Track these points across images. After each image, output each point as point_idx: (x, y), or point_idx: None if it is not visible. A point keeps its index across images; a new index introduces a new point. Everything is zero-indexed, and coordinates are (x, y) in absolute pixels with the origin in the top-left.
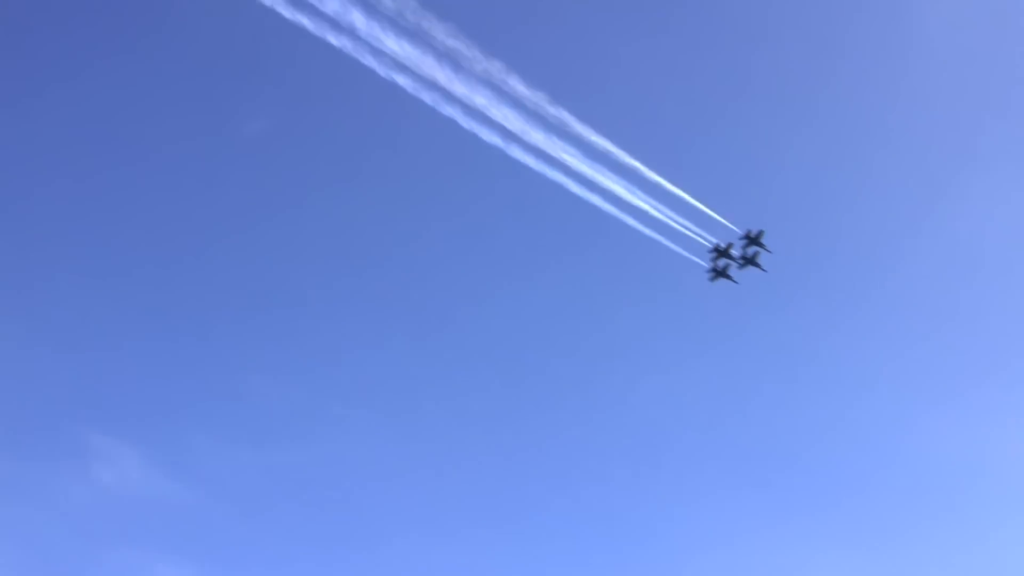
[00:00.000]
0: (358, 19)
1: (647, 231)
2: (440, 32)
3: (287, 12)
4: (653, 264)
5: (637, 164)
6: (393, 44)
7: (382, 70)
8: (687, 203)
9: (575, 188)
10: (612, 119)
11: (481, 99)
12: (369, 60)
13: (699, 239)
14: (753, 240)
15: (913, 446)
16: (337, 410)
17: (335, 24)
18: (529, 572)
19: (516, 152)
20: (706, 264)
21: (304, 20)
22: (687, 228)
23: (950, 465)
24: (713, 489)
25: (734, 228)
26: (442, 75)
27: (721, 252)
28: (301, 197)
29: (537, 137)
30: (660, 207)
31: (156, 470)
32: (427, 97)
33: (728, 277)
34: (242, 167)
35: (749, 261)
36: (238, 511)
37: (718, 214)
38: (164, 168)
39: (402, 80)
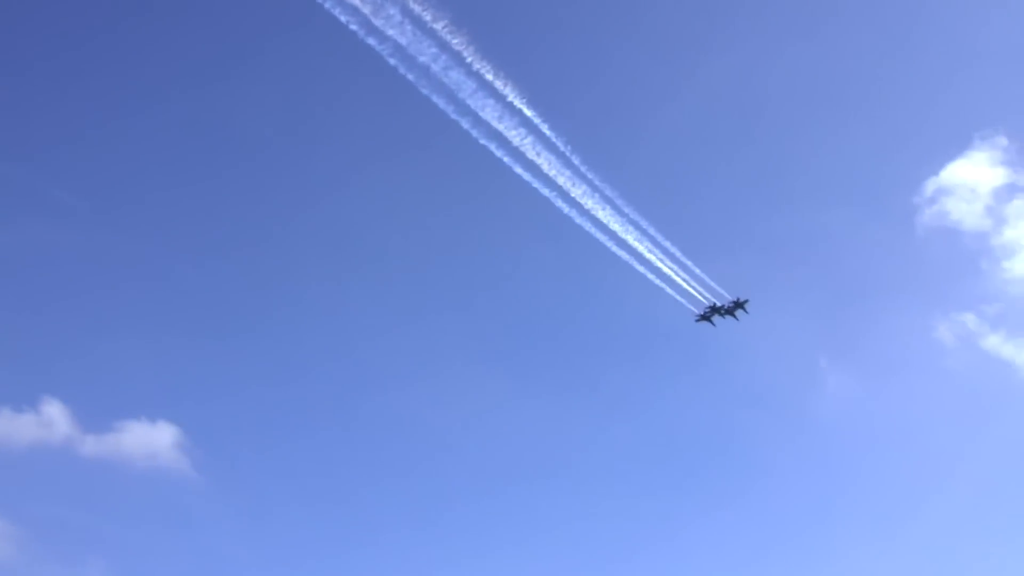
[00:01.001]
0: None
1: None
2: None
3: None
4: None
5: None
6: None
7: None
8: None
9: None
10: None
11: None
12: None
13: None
14: (739, 305)
15: None
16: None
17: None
18: None
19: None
20: (697, 310)
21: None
22: (695, 289)
23: None
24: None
25: (726, 294)
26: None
27: (714, 309)
28: None
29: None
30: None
31: None
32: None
33: (710, 321)
34: None
35: (729, 313)
36: None
37: (719, 284)
38: None
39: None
